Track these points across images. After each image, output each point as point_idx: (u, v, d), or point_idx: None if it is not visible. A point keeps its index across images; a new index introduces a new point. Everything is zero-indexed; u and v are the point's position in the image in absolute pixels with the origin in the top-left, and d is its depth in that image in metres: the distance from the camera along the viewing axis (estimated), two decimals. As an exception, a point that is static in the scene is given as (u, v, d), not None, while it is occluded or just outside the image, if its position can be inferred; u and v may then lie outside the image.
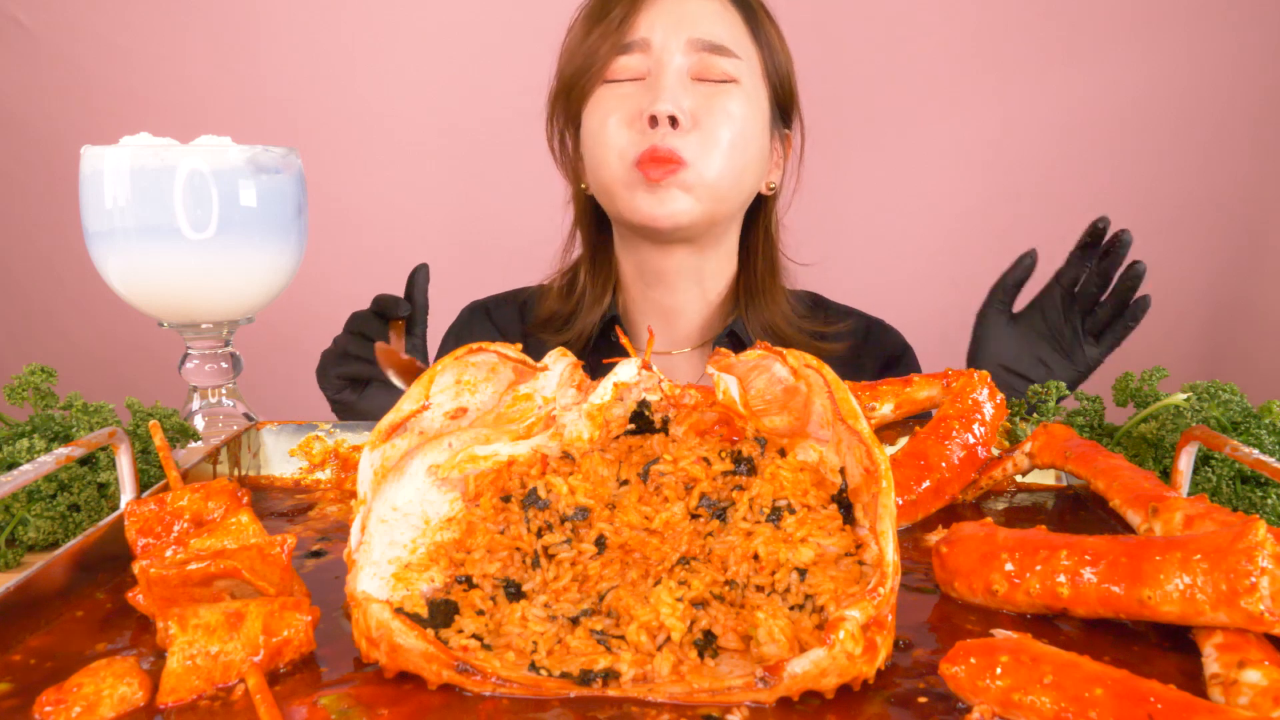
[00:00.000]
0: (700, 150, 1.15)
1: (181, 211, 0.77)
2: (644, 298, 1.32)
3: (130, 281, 0.81)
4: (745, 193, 1.23)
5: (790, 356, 0.66)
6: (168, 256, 0.78)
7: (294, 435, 0.92)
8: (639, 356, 0.71)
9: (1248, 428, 0.87)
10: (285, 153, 0.83)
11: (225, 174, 0.78)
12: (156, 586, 0.58)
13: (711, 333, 1.32)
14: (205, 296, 0.82)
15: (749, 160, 1.20)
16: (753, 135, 1.19)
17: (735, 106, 1.17)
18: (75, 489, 0.90)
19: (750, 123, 1.18)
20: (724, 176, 1.17)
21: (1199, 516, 0.62)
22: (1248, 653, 0.51)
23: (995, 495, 0.86)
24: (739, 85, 1.18)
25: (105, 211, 0.78)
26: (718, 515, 0.64)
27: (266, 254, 0.82)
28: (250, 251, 0.80)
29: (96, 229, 0.80)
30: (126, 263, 0.80)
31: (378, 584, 0.59)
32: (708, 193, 1.17)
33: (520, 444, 0.68)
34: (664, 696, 0.52)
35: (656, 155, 1.14)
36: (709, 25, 1.17)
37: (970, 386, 0.83)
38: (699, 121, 1.15)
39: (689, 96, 1.16)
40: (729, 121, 1.16)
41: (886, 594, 0.53)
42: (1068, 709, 0.47)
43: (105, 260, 0.81)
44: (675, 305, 1.31)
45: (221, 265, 0.79)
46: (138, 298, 0.82)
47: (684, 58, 1.17)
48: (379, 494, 0.62)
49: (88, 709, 0.50)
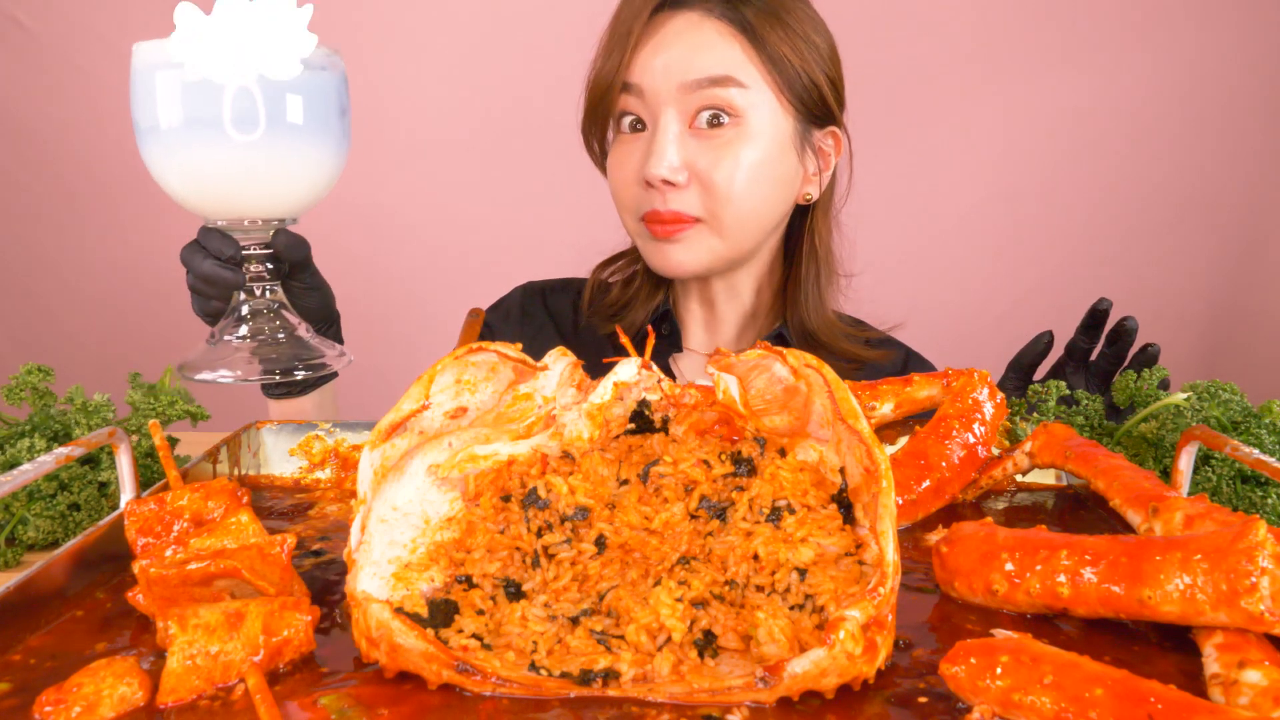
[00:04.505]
0: (707, 203, 1.13)
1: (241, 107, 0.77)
2: (689, 298, 1.33)
3: (179, 177, 0.81)
4: (772, 222, 1.21)
5: (790, 356, 0.66)
6: (212, 152, 0.78)
7: (294, 434, 0.92)
8: (639, 356, 0.71)
9: (1248, 427, 0.87)
10: (329, 52, 0.82)
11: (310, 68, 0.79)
12: (156, 586, 0.58)
13: (754, 337, 1.32)
14: (250, 194, 0.82)
15: (766, 194, 1.16)
16: (768, 168, 1.15)
17: (740, 148, 1.12)
18: (75, 488, 0.90)
19: (763, 157, 1.14)
20: (739, 220, 1.15)
21: (1199, 516, 0.62)
22: (1248, 653, 0.51)
23: (995, 495, 0.86)
24: (742, 122, 1.12)
25: (153, 106, 0.79)
26: (717, 515, 0.64)
27: (309, 153, 0.81)
28: (293, 149, 0.80)
29: (147, 125, 0.80)
30: (174, 159, 0.80)
31: (378, 584, 0.59)
32: (723, 241, 1.16)
33: (520, 444, 0.68)
34: (664, 696, 0.52)
35: (660, 217, 1.15)
36: (702, 60, 1.11)
37: (970, 386, 0.83)
38: (701, 173, 1.13)
39: (685, 150, 1.12)
40: (734, 168, 1.12)
41: (886, 594, 0.53)
42: (1068, 709, 0.47)
43: (154, 157, 0.81)
44: (716, 311, 1.32)
45: (264, 162, 0.79)
46: (185, 193, 0.82)
47: (678, 105, 1.12)
48: (379, 494, 0.62)
49: (88, 709, 0.50)
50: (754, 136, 1.13)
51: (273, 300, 0.89)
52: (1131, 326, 1.10)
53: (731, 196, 1.13)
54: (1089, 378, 1.15)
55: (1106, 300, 1.13)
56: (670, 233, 1.15)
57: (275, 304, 0.89)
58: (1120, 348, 1.11)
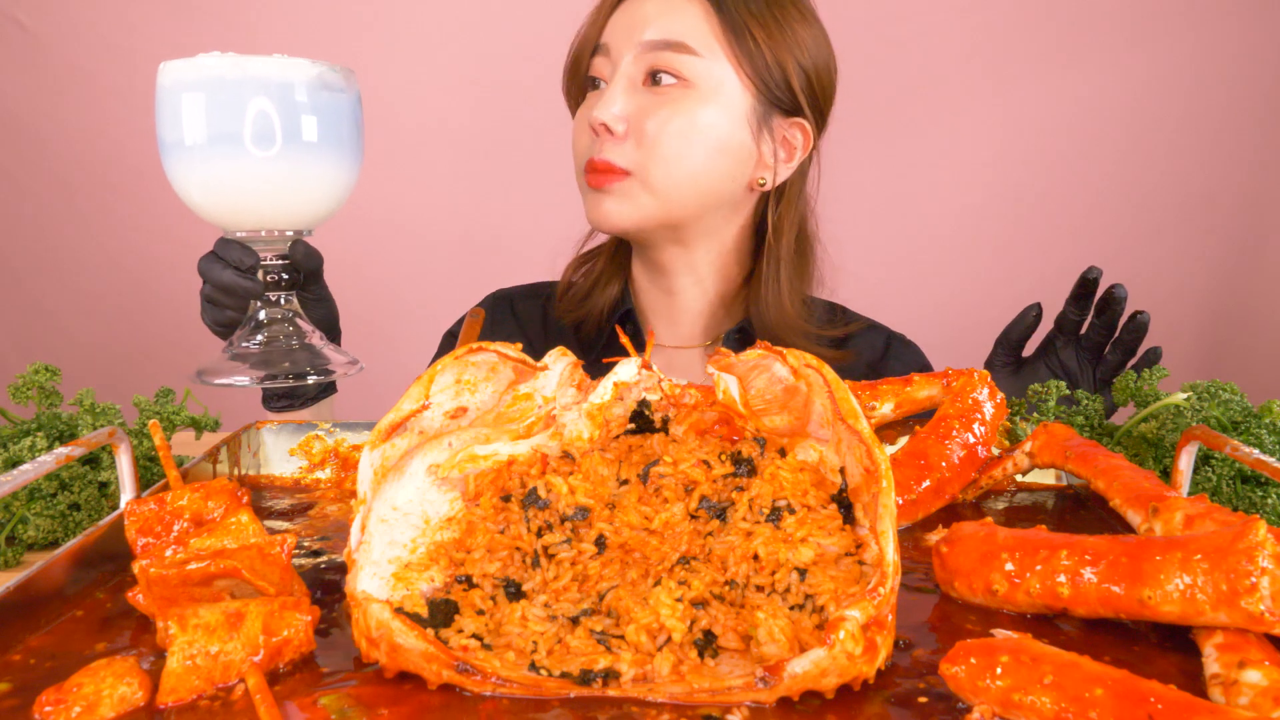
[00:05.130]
0: (639, 158, 1.14)
1: (261, 124, 0.81)
2: (650, 291, 1.32)
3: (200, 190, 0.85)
4: (713, 191, 1.19)
5: (790, 356, 0.66)
6: (234, 166, 0.82)
7: (294, 434, 0.92)
8: (639, 356, 0.71)
9: (1248, 427, 0.87)
10: (348, 73, 0.87)
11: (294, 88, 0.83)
12: (156, 586, 0.58)
13: (718, 331, 1.31)
14: (269, 206, 0.86)
15: (704, 160, 1.15)
16: (709, 133, 1.15)
17: (681, 107, 1.13)
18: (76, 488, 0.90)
19: (706, 122, 1.14)
20: (671, 179, 1.15)
21: (1199, 516, 0.62)
22: (1248, 653, 0.51)
23: (995, 495, 0.86)
24: (691, 86, 1.14)
25: (178, 122, 0.82)
26: (717, 515, 0.64)
27: (323, 167, 0.86)
28: (309, 165, 0.84)
29: (172, 139, 0.84)
30: (195, 172, 0.84)
31: (378, 584, 0.59)
32: (654, 199, 1.16)
33: (520, 443, 0.68)
34: (664, 696, 0.52)
35: (595, 165, 1.16)
36: (665, 23, 1.14)
37: (970, 386, 0.83)
38: (639, 128, 1.14)
39: (632, 102, 1.14)
40: (668, 123, 1.13)
41: (886, 594, 0.53)
42: (1068, 709, 0.47)
43: (177, 170, 0.85)
44: (677, 300, 1.30)
45: (283, 177, 0.84)
46: (206, 205, 0.86)
47: (635, 62, 1.15)
48: (379, 494, 0.62)
49: (88, 709, 0.50)
50: (699, 101, 1.14)
51: (287, 309, 0.92)
52: (1121, 295, 1.10)
53: (661, 150, 1.13)
54: (1079, 351, 1.14)
55: (1096, 269, 1.12)
56: (601, 182, 1.16)
57: (290, 312, 0.92)
58: (1110, 317, 1.11)
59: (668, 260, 1.27)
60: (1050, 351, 1.16)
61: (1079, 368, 1.14)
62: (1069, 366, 1.15)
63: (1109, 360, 1.13)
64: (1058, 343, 1.15)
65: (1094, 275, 1.12)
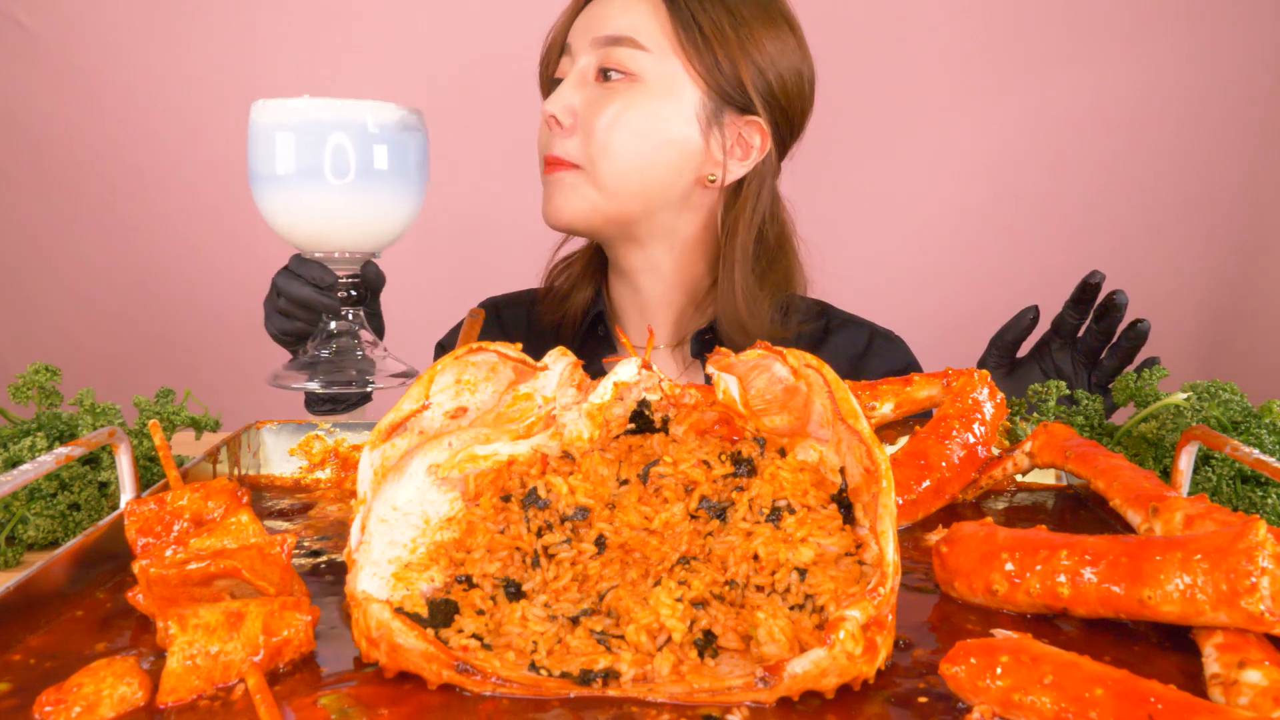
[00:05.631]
0: (586, 151, 1.16)
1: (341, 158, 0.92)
2: (622, 292, 1.33)
3: (286, 216, 0.95)
4: (661, 187, 1.18)
5: (790, 356, 0.66)
6: (317, 196, 0.92)
7: (294, 434, 0.92)
8: (639, 356, 0.71)
9: (1248, 427, 0.87)
10: (419, 115, 0.98)
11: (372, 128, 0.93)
12: (156, 586, 0.58)
13: (689, 330, 1.30)
14: (345, 232, 0.96)
15: (649, 153, 1.16)
16: (655, 126, 1.15)
17: (625, 100, 1.14)
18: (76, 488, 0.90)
19: (651, 116, 1.15)
20: (616, 174, 1.16)
21: (1199, 516, 0.62)
22: (1248, 653, 0.51)
23: (995, 495, 0.86)
24: (639, 81, 1.15)
25: (271, 156, 0.93)
26: (717, 515, 0.64)
27: (395, 198, 0.96)
28: (382, 195, 0.95)
29: (264, 172, 0.93)
30: (283, 201, 0.94)
31: (378, 584, 0.59)
32: (599, 193, 1.17)
33: (520, 443, 0.68)
34: (664, 696, 0.52)
35: (547, 159, 1.19)
36: (614, 20, 1.16)
37: (970, 386, 0.83)
38: (587, 122, 1.15)
39: (580, 95, 1.16)
40: (613, 116, 1.14)
41: (886, 594, 0.53)
42: (1068, 709, 0.47)
43: (267, 199, 0.95)
44: (646, 301, 1.31)
45: (359, 206, 0.94)
46: (290, 230, 0.96)
47: (589, 57, 1.17)
48: (379, 494, 0.62)
49: (88, 709, 0.50)
50: (645, 96, 1.15)
51: (354, 322, 1.01)
52: (1121, 301, 1.09)
53: (604, 143, 1.15)
54: (1075, 355, 1.13)
55: (1099, 274, 1.11)
56: (551, 171, 1.18)
57: (356, 325, 1.01)
58: (1109, 324, 1.10)
59: (629, 260, 1.28)
60: (1045, 354, 1.15)
61: (1074, 371, 1.14)
62: (1063, 369, 1.14)
63: (1105, 365, 1.12)
64: (1053, 345, 1.14)
65: (1096, 280, 1.11)
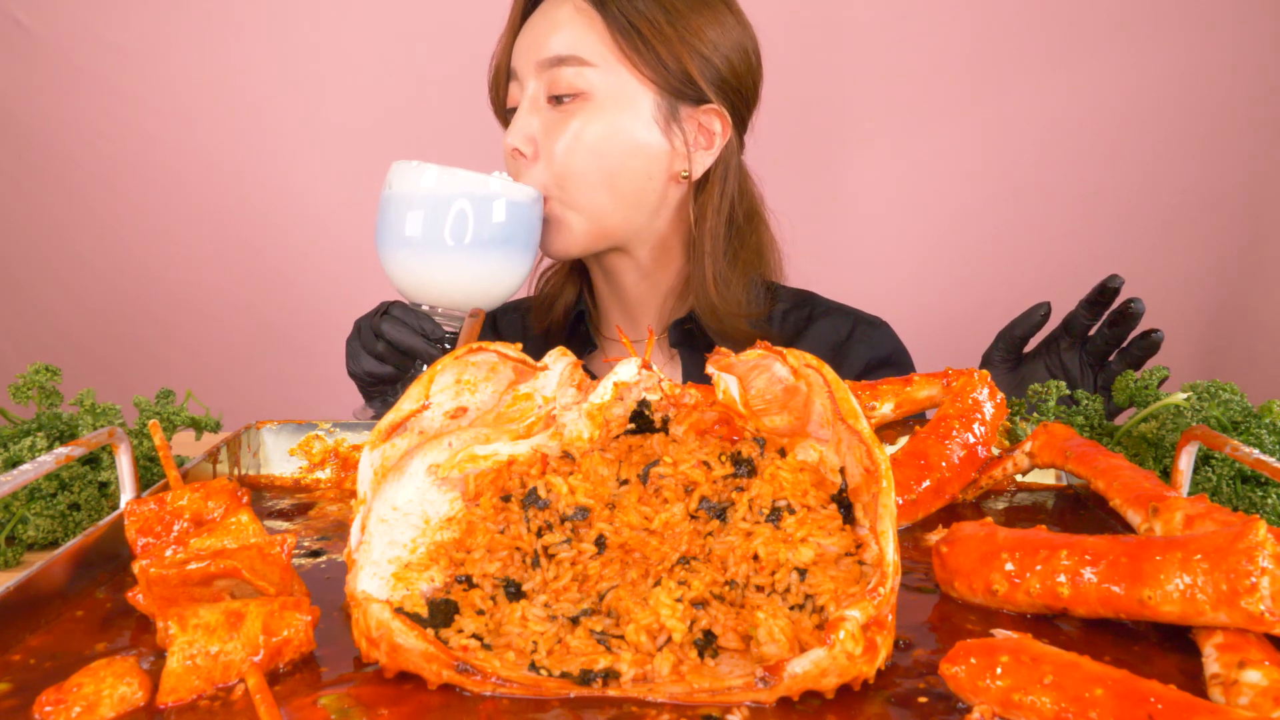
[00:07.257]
0: (552, 177, 1.15)
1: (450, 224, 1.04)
2: (606, 290, 1.34)
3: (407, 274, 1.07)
4: (639, 195, 1.19)
5: (790, 356, 0.66)
6: (437, 256, 1.04)
7: (294, 434, 0.92)
8: (639, 356, 0.71)
9: (1248, 427, 0.87)
10: (539, 195, 1.11)
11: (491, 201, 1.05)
12: (156, 586, 0.58)
13: (670, 320, 1.31)
14: (460, 290, 1.07)
15: (616, 167, 1.16)
16: (616, 140, 1.15)
17: (581, 122, 1.14)
18: (76, 488, 0.90)
19: (609, 130, 1.15)
20: (590, 194, 1.16)
21: (1199, 516, 0.62)
22: (1248, 653, 0.51)
23: (995, 495, 0.86)
24: (590, 98, 1.14)
25: (401, 220, 1.05)
26: (717, 515, 0.64)
27: (505, 264, 1.08)
28: (494, 260, 1.06)
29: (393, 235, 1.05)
30: (407, 259, 1.05)
31: (378, 584, 0.59)
32: (580, 216, 1.17)
33: (520, 443, 0.68)
34: (664, 696, 0.52)
35: None
36: (557, 40, 1.15)
37: (970, 386, 0.83)
38: (547, 149, 1.15)
39: (535, 122, 1.16)
40: (573, 140, 1.14)
41: (886, 594, 0.53)
42: (1068, 709, 0.47)
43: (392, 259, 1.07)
44: (631, 297, 1.31)
45: (473, 269, 1.06)
46: (410, 287, 1.08)
47: (536, 83, 1.16)
48: (379, 494, 0.62)
49: (88, 709, 0.50)
50: (599, 111, 1.15)
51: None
52: (1138, 310, 1.07)
53: (571, 169, 1.15)
54: (1083, 356, 1.12)
55: (1119, 278, 1.08)
56: None
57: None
58: (1121, 330, 1.08)
59: (612, 262, 1.29)
60: (1052, 351, 1.14)
61: (1080, 372, 1.12)
62: (1070, 369, 1.13)
63: (1111, 368, 1.11)
64: (1062, 343, 1.13)
65: (1116, 284, 1.08)
